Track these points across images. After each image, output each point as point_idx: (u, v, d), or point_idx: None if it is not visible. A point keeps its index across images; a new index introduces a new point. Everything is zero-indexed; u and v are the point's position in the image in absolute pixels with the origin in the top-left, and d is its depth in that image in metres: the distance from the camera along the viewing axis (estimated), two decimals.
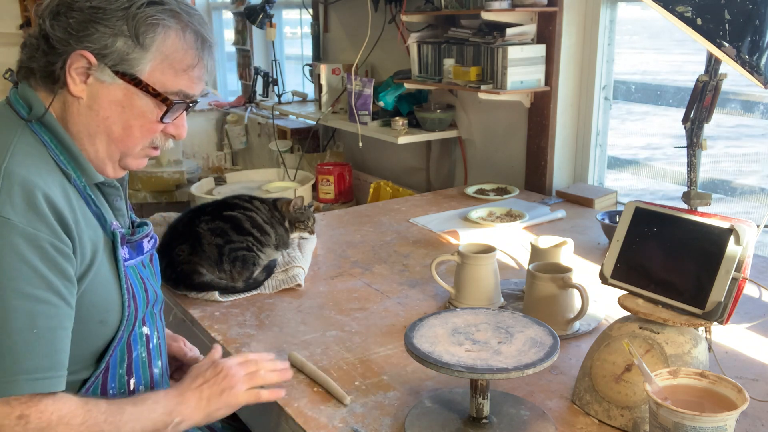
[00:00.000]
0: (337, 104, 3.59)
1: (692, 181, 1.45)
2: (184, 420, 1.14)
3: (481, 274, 1.59)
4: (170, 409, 1.13)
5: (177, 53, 1.10)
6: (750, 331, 1.51)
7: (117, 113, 1.10)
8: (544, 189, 2.68)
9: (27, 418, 0.97)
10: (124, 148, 1.14)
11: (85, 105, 1.10)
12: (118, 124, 1.11)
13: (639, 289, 1.22)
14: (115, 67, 1.08)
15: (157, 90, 1.10)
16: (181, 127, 1.18)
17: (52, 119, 1.10)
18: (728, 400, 1.01)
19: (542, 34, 2.57)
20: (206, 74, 1.16)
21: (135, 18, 1.07)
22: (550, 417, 1.20)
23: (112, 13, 1.06)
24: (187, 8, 1.13)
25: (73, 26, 1.06)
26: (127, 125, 1.11)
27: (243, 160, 4.93)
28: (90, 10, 1.06)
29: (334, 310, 1.66)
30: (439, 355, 1.10)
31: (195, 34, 1.12)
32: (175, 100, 1.12)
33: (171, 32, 1.10)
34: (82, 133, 1.11)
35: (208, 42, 1.14)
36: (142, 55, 1.08)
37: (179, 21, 1.11)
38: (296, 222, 1.99)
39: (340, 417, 1.22)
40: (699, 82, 1.39)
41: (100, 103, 1.10)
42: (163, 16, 1.09)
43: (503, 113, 2.84)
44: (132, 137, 1.13)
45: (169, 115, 1.13)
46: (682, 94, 2.43)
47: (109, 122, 1.11)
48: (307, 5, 4.12)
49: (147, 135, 1.14)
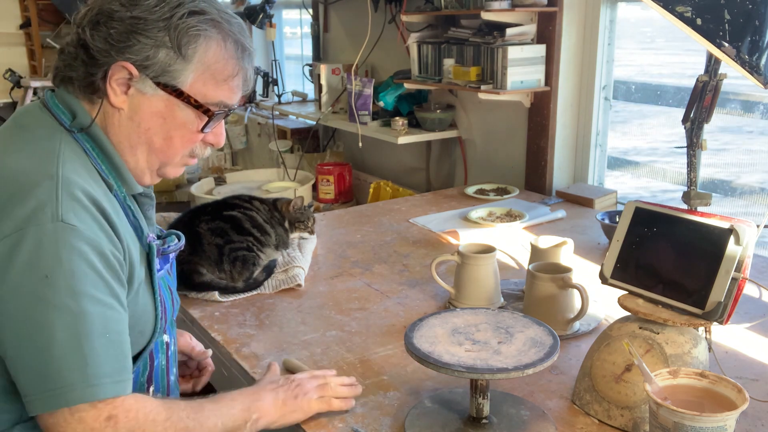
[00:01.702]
0: (337, 104, 3.59)
1: (692, 181, 1.45)
2: (261, 417, 1.14)
3: (481, 274, 1.59)
4: (247, 406, 1.14)
5: (218, 63, 1.09)
6: (750, 331, 1.51)
7: (158, 124, 1.10)
8: (544, 189, 2.68)
9: (116, 418, 0.97)
10: (165, 159, 1.13)
11: (126, 116, 1.09)
12: (159, 135, 1.10)
13: (639, 289, 1.22)
14: (157, 79, 1.07)
15: (199, 101, 1.09)
16: (220, 136, 1.17)
17: (97, 129, 1.09)
18: (728, 400, 1.01)
19: (542, 34, 2.57)
20: (245, 83, 1.15)
21: (177, 29, 1.05)
22: (550, 417, 1.20)
23: (154, 24, 1.05)
24: (227, 17, 1.12)
25: (114, 37, 1.05)
26: (167, 136, 1.11)
27: (243, 160, 4.92)
28: (131, 21, 1.05)
29: (334, 310, 1.66)
30: (439, 355, 1.10)
31: (235, 43, 1.11)
32: (216, 110, 1.11)
33: (212, 43, 1.08)
34: (123, 144, 1.11)
35: (248, 50, 1.13)
36: (184, 67, 1.07)
37: (220, 30, 1.09)
38: (296, 222, 1.99)
39: (340, 417, 1.22)
40: (699, 82, 1.39)
41: (142, 115, 1.09)
42: (205, 26, 1.08)
43: (503, 113, 2.84)
44: (173, 148, 1.12)
45: (209, 125, 1.12)
46: (682, 94, 2.43)
47: (151, 133, 1.10)
48: (307, 5, 4.12)
49: (187, 145, 1.13)
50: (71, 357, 0.95)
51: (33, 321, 0.94)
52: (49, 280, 0.94)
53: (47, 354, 0.94)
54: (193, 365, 1.43)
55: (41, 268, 0.94)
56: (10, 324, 0.95)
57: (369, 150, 3.67)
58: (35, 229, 0.94)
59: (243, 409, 1.13)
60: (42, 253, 0.94)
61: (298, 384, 1.21)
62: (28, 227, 0.94)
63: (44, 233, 0.95)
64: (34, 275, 0.93)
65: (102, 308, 0.98)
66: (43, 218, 0.95)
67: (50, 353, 0.94)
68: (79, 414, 0.95)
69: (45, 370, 0.94)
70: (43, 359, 0.94)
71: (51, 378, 0.94)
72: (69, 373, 0.94)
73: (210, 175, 4.18)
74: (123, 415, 0.98)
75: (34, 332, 0.94)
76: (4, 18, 5.89)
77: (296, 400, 1.19)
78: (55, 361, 0.94)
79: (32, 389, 0.95)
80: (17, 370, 0.96)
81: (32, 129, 1.07)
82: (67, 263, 0.95)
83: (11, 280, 0.94)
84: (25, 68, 5.97)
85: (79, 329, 0.95)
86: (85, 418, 0.95)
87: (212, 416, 1.08)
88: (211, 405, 1.10)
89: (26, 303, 0.94)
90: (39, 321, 0.94)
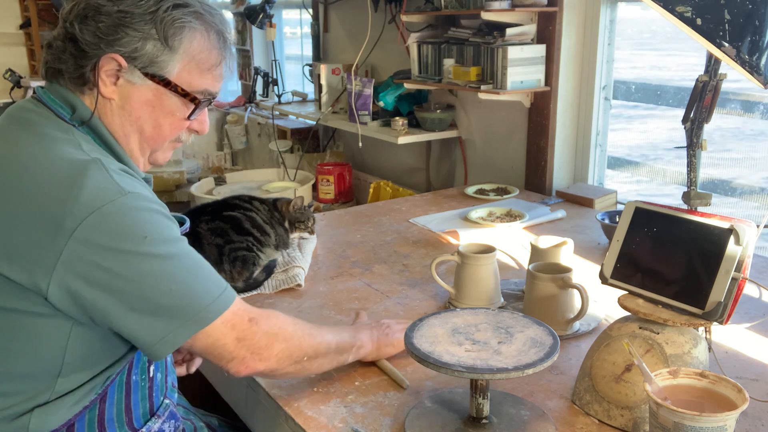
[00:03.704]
0: (337, 104, 3.59)
1: (692, 181, 1.45)
2: (363, 346, 1.33)
3: (481, 274, 1.59)
4: (353, 335, 1.32)
5: (203, 53, 1.15)
6: (750, 331, 1.51)
7: (148, 113, 1.15)
8: (544, 189, 2.68)
9: (256, 320, 1.12)
10: (155, 145, 1.20)
11: (118, 106, 1.14)
12: (149, 123, 1.16)
13: (639, 289, 1.22)
14: (145, 69, 1.12)
15: (185, 90, 1.15)
16: (204, 123, 1.24)
17: (97, 121, 1.14)
18: (728, 400, 1.01)
19: (542, 34, 2.57)
20: (228, 71, 1.22)
21: (163, 21, 1.11)
22: (550, 417, 1.20)
23: (140, 17, 1.10)
24: (209, 8, 1.17)
25: (102, 30, 1.09)
26: (157, 124, 1.17)
27: (243, 160, 4.92)
28: (118, 14, 1.09)
29: (334, 310, 1.66)
30: (439, 355, 1.10)
31: (218, 34, 1.18)
32: (201, 98, 1.17)
33: (197, 34, 1.14)
34: (118, 133, 1.16)
35: (229, 41, 1.20)
36: (170, 57, 1.13)
37: (203, 22, 1.15)
38: (296, 222, 1.99)
39: (340, 417, 1.22)
40: (699, 82, 1.39)
41: (132, 104, 1.14)
42: (189, 18, 1.13)
43: (503, 113, 2.84)
44: (162, 135, 1.18)
45: (195, 112, 1.19)
46: (682, 94, 2.43)
47: (141, 121, 1.16)
48: (307, 5, 4.12)
49: (175, 132, 1.20)
50: (197, 285, 1.06)
51: (153, 275, 1.02)
52: (148, 239, 1.01)
53: (178, 293, 1.03)
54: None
55: (138, 232, 1.01)
56: (132, 288, 1.01)
57: (369, 150, 3.67)
58: (112, 205, 1.00)
59: (350, 336, 1.31)
60: (129, 222, 1.01)
61: (387, 325, 1.40)
62: (103, 206, 0.99)
63: (122, 206, 1.00)
64: (134, 240, 1.00)
65: (186, 246, 1.09)
66: (112, 194, 1.01)
67: (181, 291, 1.04)
68: (230, 321, 1.08)
69: (182, 304, 1.04)
70: (177, 297, 1.03)
71: (191, 307, 1.04)
72: (204, 294, 1.06)
73: (210, 175, 4.18)
74: (259, 316, 1.13)
75: (159, 282, 1.02)
76: (4, 18, 5.90)
77: (387, 337, 1.37)
78: (187, 295, 1.04)
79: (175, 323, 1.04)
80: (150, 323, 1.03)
81: (40, 123, 1.09)
82: (152, 222, 1.03)
83: (114, 252, 0.99)
84: (25, 68, 5.98)
85: (190, 264, 1.07)
86: (235, 323, 1.09)
87: (329, 333, 1.26)
88: (326, 327, 1.29)
89: (139, 263, 1.01)
90: (159, 272, 1.02)
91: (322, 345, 1.23)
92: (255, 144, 4.71)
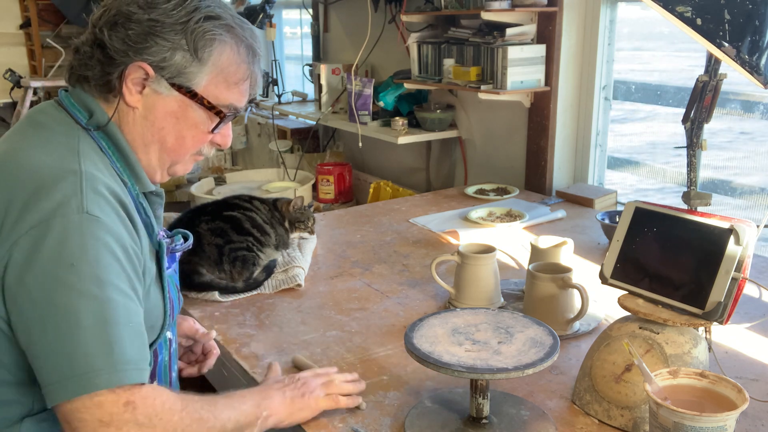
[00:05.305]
0: (337, 104, 3.58)
1: (692, 181, 1.45)
2: (271, 415, 1.15)
3: (481, 274, 1.59)
4: (258, 403, 1.14)
5: (231, 67, 1.13)
6: (750, 331, 1.51)
7: (171, 124, 1.13)
8: (544, 189, 2.68)
9: (134, 404, 0.97)
10: (176, 157, 1.17)
11: (141, 115, 1.12)
12: (172, 135, 1.14)
13: (639, 289, 1.22)
14: (172, 80, 1.10)
15: (211, 103, 1.13)
16: (227, 137, 1.21)
17: (113, 127, 1.12)
18: (728, 400, 1.01)
19: (542, 34, 2.57)
20: (253, 87, 1.19)
21: (194, 33, 1.09)
22: (550, 417, 1.20)
23: (171, 27, 1.08)
24: (240, 22, 1.15)
25: (131, 38, 1.07)
26: (180, 135, 1.14)
27: (243, 160, 4.92)
28: (148, 23, 1.07)
29: (334, 310, 1.66)
30: (439, 355, 1.10)
31: (248, 48, 1.15)
32: (226, 112, 1.15)
33: (227, 47, 1.12)
34: (137, 142, 1.14)
35: (259, 56, 1.18)
36: (199, 69, 1.11)
37: (234, 35, 1.13)
38: (296, 222, 1.99)
39: (340, 417, 1.22)
40: (699, 82, 1.39)
41: (156, 114, 1.12)
42: (220, 30, 1.11)
43: (503, 113, 2.84)
44: (184, 147, 1.16)
45: (220, 126, 1.16)
46: (682, 94, 2.43)
47: (164, 133, 1.13)
48: (307, 5, 4.11)
49: (197, 145, 1.17)
50: (97, 342, 0.95)
51: (59, 307, 0.94)
52: (75, 268, 0.95)
53: (73, 339, 0.94)
54: (199, 349, 1.43)
55: (67, 256, 0.95)
56: (35, 312, 0.95)
57: (369, 150, 3.67)
58: (61, 220, 0.96)
59: (254, 405, 1.13)
60: (68, 243, 0.95)
61: (303, 382, 1.22)
62: (54, 218, 0.96)
63: (70, 224, 0.96)
64: (60, 263, 0.94)
65: (125, 298, 0.99)
66: (69, 210, 0.96)
67: (76, 339, 0.94)
68: (98, 398, 0.95)
69: (71, 355, 0.94)
70: (69, 344, 0.94)
71: (77, 363, 0.94)
72: (95, 358, 0.95)
73: (210, 175, 4.18)
74: (141, 401, 0.98)
75: (60, 319, 0.94)
76: (4, 18, 5.89)
77: (303, 398, 1.19)
78: (81, 347, 0.94)
79: (56, 376, 0.95)
80: (40, 358, 0.96)
81: (50, 126, 1.09)
82: (93, 253, 0.96)
83: (37, 268, 0.94)
84: (25, 68, 5.97)
85: (104, 316, 0.96)
86: (104, 403, 0.95)
87: (225, 410, 1.09)
88: (224, 400, 1.11)
89: (52, 290, 0.95)
90: (65, 307, 0.94)
91: (215, 430, 1.06)
92: (255, 144, 4.71)
